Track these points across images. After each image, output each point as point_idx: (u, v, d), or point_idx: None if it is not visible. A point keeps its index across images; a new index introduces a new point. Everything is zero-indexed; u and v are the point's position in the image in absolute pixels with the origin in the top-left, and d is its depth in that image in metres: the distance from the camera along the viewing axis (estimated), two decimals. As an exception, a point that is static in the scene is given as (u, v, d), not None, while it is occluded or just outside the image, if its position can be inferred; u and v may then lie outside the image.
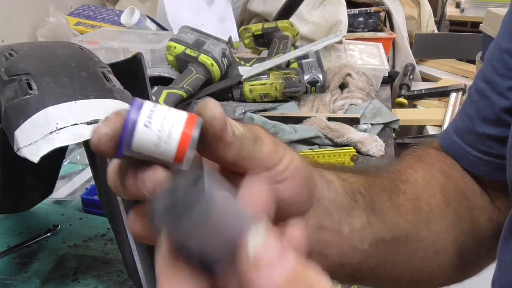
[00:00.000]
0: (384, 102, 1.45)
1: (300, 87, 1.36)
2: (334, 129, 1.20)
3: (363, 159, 1.16)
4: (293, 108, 1.35)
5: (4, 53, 0.64)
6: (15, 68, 0.62)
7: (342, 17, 1.73)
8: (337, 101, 1.38)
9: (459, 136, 0.57)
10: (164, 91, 1.25)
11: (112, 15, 1.76)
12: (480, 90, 0.56)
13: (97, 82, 0.62)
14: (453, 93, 1.75)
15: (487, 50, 0.57)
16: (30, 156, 0.56)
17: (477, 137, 0.56)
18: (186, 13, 1.69)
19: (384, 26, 1.96)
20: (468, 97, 0.59)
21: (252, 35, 1.61)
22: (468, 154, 0.56)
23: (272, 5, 1.79)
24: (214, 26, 1.70)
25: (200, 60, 1.33)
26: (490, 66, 0.55)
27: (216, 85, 1.36)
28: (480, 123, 0.55)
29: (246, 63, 1.47)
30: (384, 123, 1.30)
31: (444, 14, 2.91)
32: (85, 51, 0.68)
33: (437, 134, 1.57)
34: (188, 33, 1.39)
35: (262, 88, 1.36)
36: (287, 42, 1.51)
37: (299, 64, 1.45)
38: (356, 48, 1.72)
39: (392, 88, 1.78)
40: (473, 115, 0.56)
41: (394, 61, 2.01)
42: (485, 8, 1.92)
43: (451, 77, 2.04)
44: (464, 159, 0.57)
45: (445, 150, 0.59)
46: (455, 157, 0.58)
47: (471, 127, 0.56)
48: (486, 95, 0.55)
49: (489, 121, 0.54)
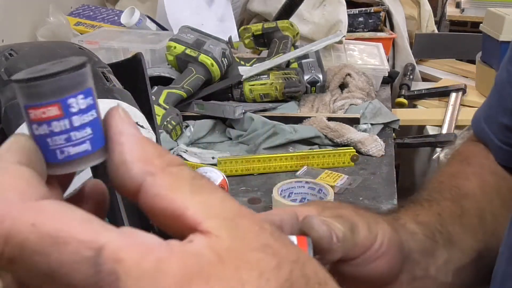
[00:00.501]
0: (384, 102, 1.46)
1: (300, 87, 1.36)
2: (334, 129, 1.20)
3: (363, 159, 1.16)
4: (293, 108, 1.35)
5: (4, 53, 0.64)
6: (15, 68, 0.62)
7: (342, 17, 1.73)
8: (337, 101, 1.38)
9: (486, 123, 0.58)
10: (164, 91, 1.25)
11: (112, 15, 1.76)
12: (502, 79, 0.56)
13: (97, 82, 0.62)
14: (453, 93, 1.75)
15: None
16: (30, 156, 0.56)
17: (498, 125, 0.56)
18: (186, 13, 1.69)
19: (384, 26, 1.96)
20: (494, 84, 0.59)
21: (252, 35, 1.61)
22: (492, 142, 0.57)
23: (272, 5, 1.79)
24: (214, 26, 1.70)
25: (200, 60, 1.33)
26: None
27: (216, 85, 1.36)
28: (501, 112, 0.56)
29: (246, 63, 1.47)
30: (384, 123, 1.30)
31: (444, 14, 2.91)
32: (85, 51, 0.68)
33: (437, 134, 1.57)
34: (188, 33, 1.39)
35: (262, 88, 1.36)
36: (287, 42, 1.51)
37: (299, 64, 1.45)
38: (356, 48, 1.72)
39: (392, 88, 1.78)
40: (495, 104, 0.57)
41: (394, 61, 2.01)
42: (485, 8, 1.92)
43: (451, 77, 2.03)
44: (490, 147, 0.58)
45: (478, 138, 0.60)
46: (485, 145, 0.59)
47: (494, 116, 0.57)
48: (506, 84, 0.55)
49: (509, 111, 0.55)
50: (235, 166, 1.08)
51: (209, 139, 1.24)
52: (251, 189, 1.05)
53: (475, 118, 0.62)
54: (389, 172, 1.12)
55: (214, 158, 1.11)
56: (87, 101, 0.26)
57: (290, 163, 1.10)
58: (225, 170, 1.05)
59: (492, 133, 0.57)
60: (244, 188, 1.05)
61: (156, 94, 1.24)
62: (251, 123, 1.22)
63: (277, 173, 1.09)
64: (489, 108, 0.59)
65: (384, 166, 1.14)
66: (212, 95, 1.34)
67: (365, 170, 1.12)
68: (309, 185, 0.91)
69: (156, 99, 1.23)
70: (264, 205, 0.98)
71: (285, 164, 1.10)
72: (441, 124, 1.62)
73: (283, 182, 0.91)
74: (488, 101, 0.60)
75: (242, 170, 1.09)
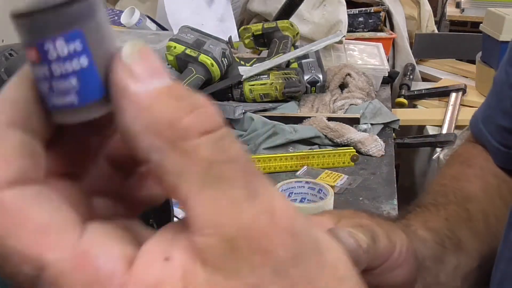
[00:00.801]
0: (384, 102, 1.46)
1: (300, 87, 1.36)
2: (334, 129, 1.20)
3: (363, 159, 1.16)
4: (293, 108, 1.35)
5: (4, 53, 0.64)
6: (15, 68, 0.62)
7: (342, 17, 1.73)
8: (337, 101, 1.38)
9: (484, 124, 0.58)
10: (164, 91, 1.25)
11: (112, 15, 1.76)
12: (502, 80, 0.56)
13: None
14: (453, 93, 1.75)
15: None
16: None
17: (496, 127, 0.56)
18: (186, 13, 1.69)
19: (384, 26, 1.96)
20: (493, 85, 0.59)
21: (252, 35, 1.61)
22: (489, 143, 0.57)
23: (272, 5, 1.79)
24: (214, 26, 1.70)
25: (200, 60, 1.33)
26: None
27: (216, 85, 1.36)
28: (499, 113, 0.56)
29: (246, 63, 1.47)
30: (384, 123, 1.30)
31: (444, 14, 2.91)
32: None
33: (437, 134, 1.57)
34: (188, 33, 1.39)
35: (262, 88, 1.36)
36: (287, 42, 1.51)
37: (299, 64, 1.45)
38: (356, 48, 1.72)
39: (392, 88, 1.78)
40: (494, 105, 0.57)
41: (394, 61, 2.01)
42: (485, 8, 1.92)
43: (451, 77, 2.03)
44: (488, 148, 0.58)
45: (475, 139, 0.60)
46: (483, 146, 0.59)
47: (492, 117, 0.57)
48: (505, 86, 0.55)
49: (508, 113, 0.55)
50: (235, 166, 1.08)
51: (209, 139, 1.24)
52: (251, 189, 1.04)
53: (473, 120, 0.62)
54: (389, 172, 1.12)
55: (214, 158, 1.10)
56: (71, 47, 0.21)
57: (290, 163, 1.10)
58: (225, 170, 1.05)
59: (490, 134, 0.57)
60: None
61: (156, 94, 1.24)
62: (251, 123, 1.22)
63: (277, 173, 1.09)
64: (487, 110, 0.59)
65: (384, 166, 1.14)
66: (212, 95, 1.34)
67: (365, 170, 1.12)
68: (309, 185, 0.91)
69: (156, 99, 1.22)
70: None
71: (285, 164, 1.10)
72: (441, 124, 1.62)
73: (283, 182, 0.91)
74: (487, 103, 0.60)
75: (242, 170, 1.09)
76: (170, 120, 0.20)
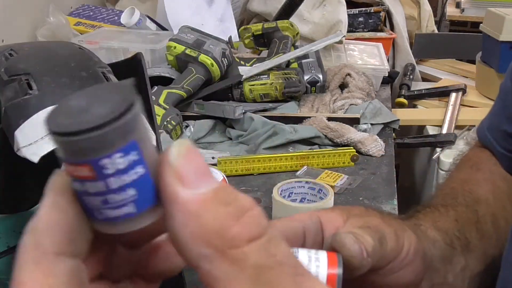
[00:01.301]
0: (384, 102, 1.46)
1: (300, 87, 1.36)
2: (334, 129, 1.20)
3: (363, 159, 1.16)
4: (293, 108, 1.35)
5: (4, 53, 0.64)
6: (15, 68, 0.62)
7: (342, 17, 1.73)
8: (337, 101, 1.38)
9: (489, 131, 0.59)
10: (164, 91, 1.25)
11: (112, 15, 1.76)
12: (507, 87, 0.56)
13: (97, 82, 0.62)
14: (453, 93, 1.75)
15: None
16: (30, 156, 0.56)
17: (501, 133, 0.57)
18: (186, 13, 1.69)
19: (384, 26, 1.96)
20: (499, 92, 0.60)
21: (252, 35, 1.61)
22: (494, 149, 0.58)
23: (272, 5, 1.79)
24: (214, 26, 1.70)
25: (200, 60, 1.33)
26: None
27: (216, 85, 1.36)
28: (504, 120, 0.56)
29: (246, 63, 1.47)
30: (384, 123, 1.30)
31: (444, 14, 2.91)
32: (85, 51, 0.68)
33: (437, 134, 1.57)
34: (188, 33, 1.39)
35: (262, 88, 1.36)
36: (287, 42, 1.51)
37: (299, 64, 1.45)
38: (356, 48, 1.72)
39: (392, 88, 1.78)
40: (499, 112, 0.57)
41: (394, 61, 2.01)
42: (485, 8, 1.92)
43: (451, 77, 2.03)
44: (493, 154, 0.58)
45: (482, 144, 0.61)
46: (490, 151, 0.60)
47: (497, 123, 0.57)
48: (510, 93, 0.55)
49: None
50: (235, 166, 1.08)
51: (209, 139, 1.24)
52: (251, 189, 1.05)
53: (480, 127, 0.63)
54: (389, 172, 1.12)
55: (214, 158, 1.11)
56: (128, 159, 0.20)
57: (290, 163, 1.10)
58: (225, 170, 1.05)
59: (495, 140, 0.58)
60: (244, 188, 1.05)
61: (156, 94, 1.24)
62: (251, 123, 1.22)
63: (277, 173, 1.09)
64: (492, 117, 0.60)
65: (384, 166, 1.14)
66: (212, 95, 1.34)
67: (365, 170, 1.12)
68: (309, 185, 0.91)
69: (156, 99, 1.23)
70: (264, 205, 0.98)
71: (285, 164, 1.10)
72: (441, 124, 1.62)
73: (283, 182, 0.91)
74: (492, 110, 0.60)
75: (242, 170, 1.09)
76: (219, 229, 0.20)
